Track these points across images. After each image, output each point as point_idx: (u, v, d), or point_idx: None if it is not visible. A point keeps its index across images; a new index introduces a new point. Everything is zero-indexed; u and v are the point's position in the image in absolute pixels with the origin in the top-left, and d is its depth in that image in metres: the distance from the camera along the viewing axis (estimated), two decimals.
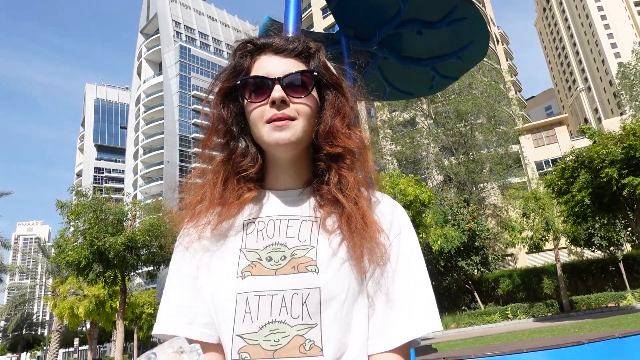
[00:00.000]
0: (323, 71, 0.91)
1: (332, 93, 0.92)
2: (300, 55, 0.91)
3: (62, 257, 17.15)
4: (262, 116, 0.86)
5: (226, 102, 0.93)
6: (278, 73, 0.87)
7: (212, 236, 0.89)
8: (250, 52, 0.92)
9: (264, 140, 0.86)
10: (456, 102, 32.94)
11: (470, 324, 23.79)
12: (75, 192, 18.64)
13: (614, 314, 17.64)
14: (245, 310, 0.81)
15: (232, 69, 0.92)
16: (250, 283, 0.82)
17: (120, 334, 18.43)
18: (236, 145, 0.92)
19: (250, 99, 0.87)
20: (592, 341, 3.08)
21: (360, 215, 0.86)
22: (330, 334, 0.79)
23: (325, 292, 0.80)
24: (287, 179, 0.92)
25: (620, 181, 14.82)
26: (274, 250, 0.85)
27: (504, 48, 72.51)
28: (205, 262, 0.88)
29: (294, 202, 0.91)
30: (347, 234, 0.85)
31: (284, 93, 0.85)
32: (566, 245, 28.39)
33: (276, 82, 0.85)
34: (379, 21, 3.31)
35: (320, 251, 0.84)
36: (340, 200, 0.87)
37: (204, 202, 0.93)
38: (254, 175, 0.92)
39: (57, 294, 31.30)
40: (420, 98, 32.15)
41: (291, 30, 2.35)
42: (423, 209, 19.68)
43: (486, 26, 3.41)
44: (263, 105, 0.86)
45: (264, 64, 0.89)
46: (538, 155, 38.09)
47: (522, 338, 12.02)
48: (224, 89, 0.92)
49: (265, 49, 0.91)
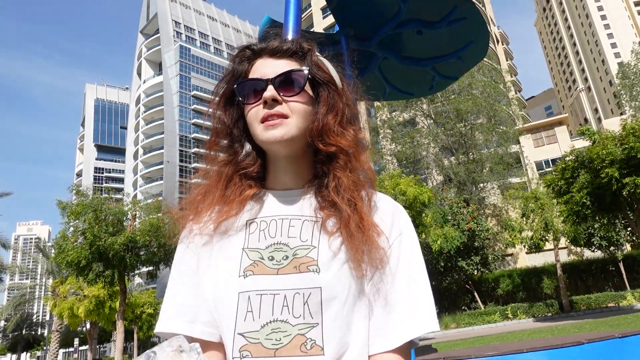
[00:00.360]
0: (315, 69, 0.93)
1: (325, 91, 0.93)
2: (293, 55, 0.93)
3: (62, 257, 17.17)
4: (257, 116, 0.88)
5: (227, 106, 0.96)
6: (271, 74, 0.89)
7: (214, 234, 0.91)
8: (248, 57, 0.95)
9: (260, 139, 0.89)
10: (456, 102, 32.94)
11: (470, 324, 23.80)
12: (76, 191, 18.68)
13: (614, 314, 17.64)
14: (247, 309, 0.82)
15: (231, 74, 0.95)
16: (252, 282, 0.83)
17: (120, 334, 18.43)
18: (237, 146, 0.95)
19: (246, 100, 0.90)
20: (592, 341, 3.08)
21: (358, 218, 0.87)
22: (331, 334, 0.80)
23: (327, 291, 0.81)
24: (287, 179, 0.94)
25: (621, 181, 14.82)
26: (276, 250, 0.86)
27: (504, 48, 72.51)
28: (207, 260, 0.89)
29: (295, 202, 0.92)
30: (346, 236, 0.86)
31: (275, 92, 0.87)
32: (566, 245, 28.40)
33: (269, 83, 0.88)
34: (379, 21, 3.31)
35: (322, 251, 0.85)
36: (337, 203, 0.88)
37: (206, 200, 0.95)
38: (255, 174, 0.95)
39: (57, 294, 31.32)
40: (420, 98, 32.16)
41: (291, 30, 2.35)
42: (423, 209, 19.69)
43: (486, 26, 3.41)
44: (257, 106, 0.89)
45: (259, 67, 0.92)
46: (538, 155, 38.10)
47: (522, 338, 12.02)
48: (224, 93, 0.96)
49: (262, 52, 0.94)
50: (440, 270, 27.09)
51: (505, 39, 77.96)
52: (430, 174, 35.58)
